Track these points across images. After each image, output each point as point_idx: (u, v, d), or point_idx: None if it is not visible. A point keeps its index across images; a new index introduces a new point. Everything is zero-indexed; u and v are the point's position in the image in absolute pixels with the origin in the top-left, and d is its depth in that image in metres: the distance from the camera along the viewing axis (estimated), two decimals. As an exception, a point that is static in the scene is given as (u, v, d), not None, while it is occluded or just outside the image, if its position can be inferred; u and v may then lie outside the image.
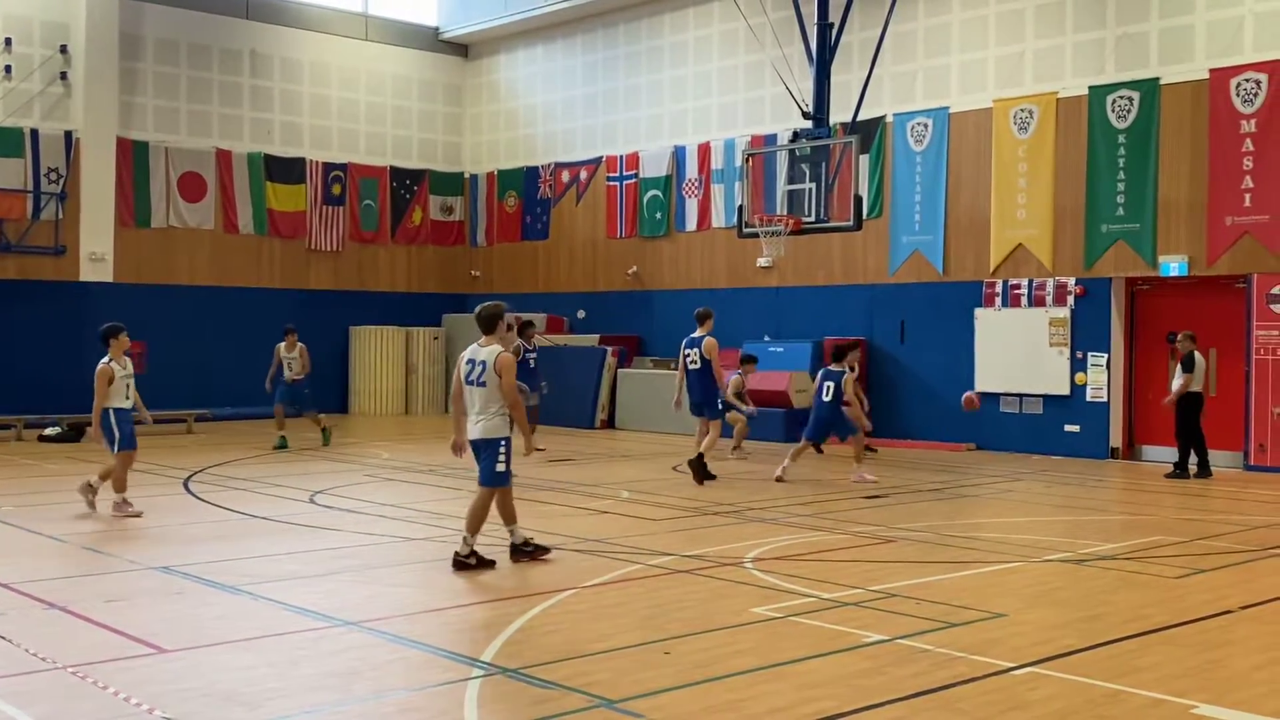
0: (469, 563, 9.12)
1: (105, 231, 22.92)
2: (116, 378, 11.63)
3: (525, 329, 18.64)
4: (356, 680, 6.33)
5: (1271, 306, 16.44)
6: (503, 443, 9.21)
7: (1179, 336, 16.07)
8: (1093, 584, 8.93)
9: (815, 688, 6.15)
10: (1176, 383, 15.71)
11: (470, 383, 9.21)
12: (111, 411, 11.67)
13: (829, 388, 14.98)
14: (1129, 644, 7.11)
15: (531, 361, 18.24)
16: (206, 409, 22.40)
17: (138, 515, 11.54)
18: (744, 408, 17.44)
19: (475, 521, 9.22)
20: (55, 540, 10.44)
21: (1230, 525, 11.81)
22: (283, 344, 18.69)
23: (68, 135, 22.51)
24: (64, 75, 22.53)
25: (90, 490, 11.87)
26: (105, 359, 11.76)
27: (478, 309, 9.52)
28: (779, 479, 14.74)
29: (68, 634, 7.23)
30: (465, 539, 9.19)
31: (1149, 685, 6.23)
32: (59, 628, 7.38)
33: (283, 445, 18.28)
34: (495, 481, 9.24)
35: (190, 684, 6.16)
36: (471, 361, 9.25)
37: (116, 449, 11.70)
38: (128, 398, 11.81)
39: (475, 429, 9.23)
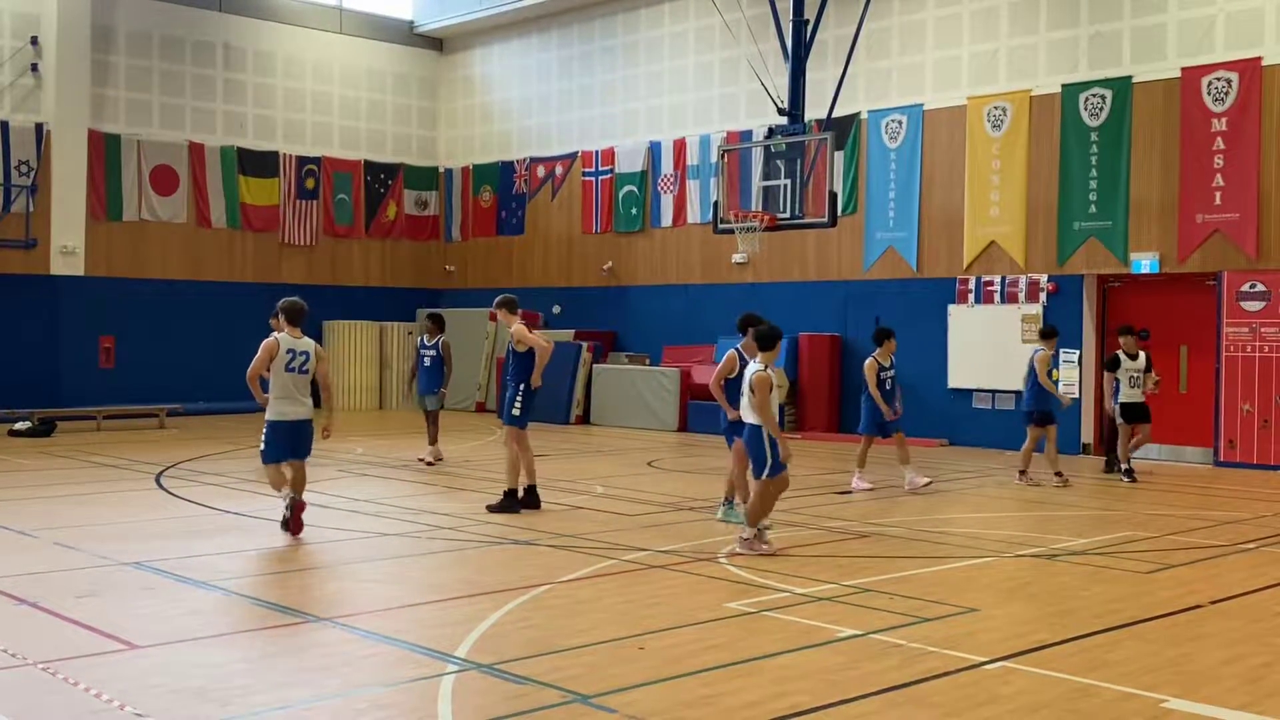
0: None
1: (76, 225, 22.76)
2: (774, 388, 9.69)
3: (427, 321, 16.79)
4: (329, 676, 6.31)
5: (1241, 304, 16.58)
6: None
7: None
8: (1064, 579, 8.99)
9: (789, 682, 6.16)
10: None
11: (296, 370, 10.24)
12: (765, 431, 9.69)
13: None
14: (1100, 638, 7.16)
15: (427, 360, 16.37)
16: (179, 403, 22.27)
17: (771, 554, 9.65)
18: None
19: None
20: (25, 535, 10.35)
21: (1200, 521, 11.90)
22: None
23: (38, 127, 22.32)
24: (35, 67, 22.34)
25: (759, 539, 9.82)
26: (757, 365, 9.71)
27: (287, 302, 10.45)
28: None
29: (38, 630, 7.17)
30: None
31: (1119, 679, 6.28)
32: (29, 624, 7.32)
33: None
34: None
35: (161, 680, 6.13)
36: (292, 351, 10.20)
37: (766, 474, 9.69)
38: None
39: (305, 408, 10.37)
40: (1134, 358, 15.14)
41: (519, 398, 11.94)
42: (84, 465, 15.81)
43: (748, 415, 9.77)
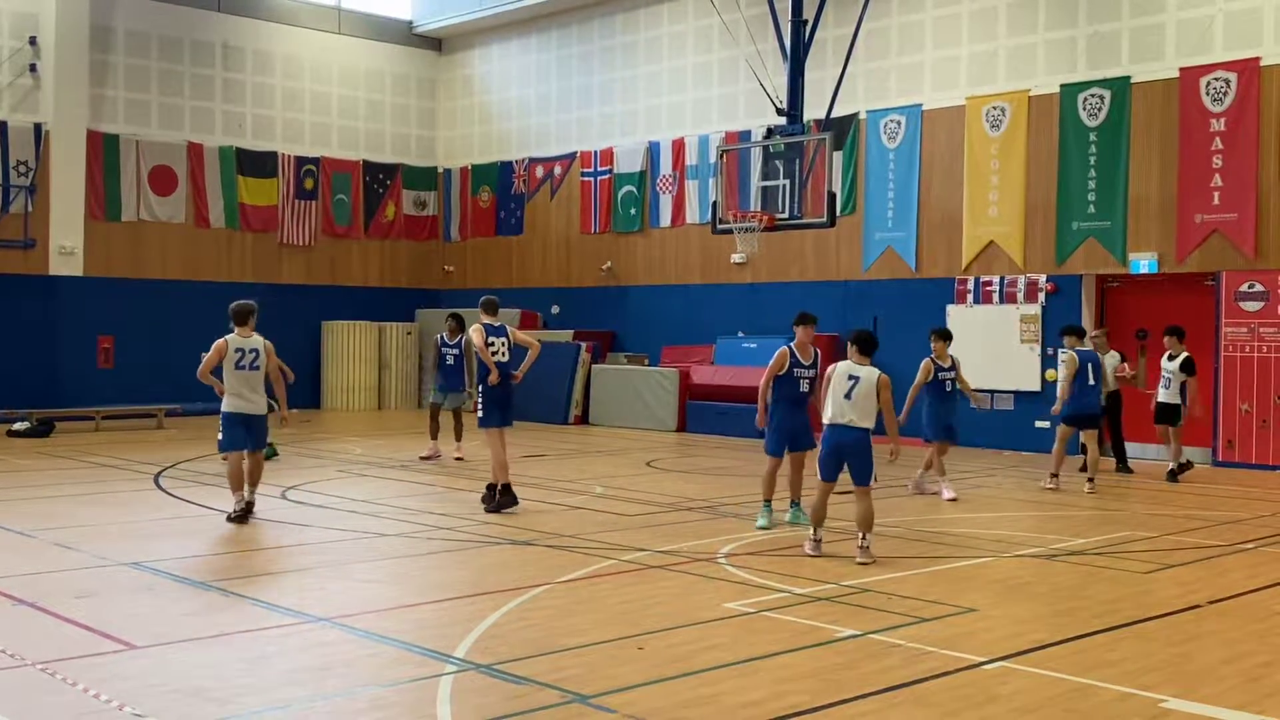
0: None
1: (75, 225, 22.74)
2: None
3: (449, 320, 16.65)
4: (328, 676, 6.31)
5: (1240, 304, 16.58)
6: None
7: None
8: (1063, 579, 9.00)
9: (788, 682, 6.17)
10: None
11: (246, 368, 11.14)
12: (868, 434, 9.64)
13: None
14: (1099, 638, 7.17)
15: (450, 358, 16.39)
16: (177, 404, 22.24)
17: (871, 562, 9.41)
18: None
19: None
20: (23, 535, 10.35)
21: (1199, 521, 11.91)
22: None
23: (37, 128, 22.30)
24: (33, 67, 22.32)
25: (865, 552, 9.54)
26: (872, 368, 9.71)
27: (236, 305, 11.50)
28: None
29: (36, 630, 7.16)
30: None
31: (1118, 679, 6.28)
32: (28, 624, 7.32)
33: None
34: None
35: (160, 680, 6.13)
36: (241, 350, 11.18)
37: (874, 480, 9.73)
38: None
39: (258, 404, 11.20)
40: (1171, 359, 15.22)
41: (479, 399, 12.16)
42: (83, 465, 15.81)
43: (865, 419, 9.55)
